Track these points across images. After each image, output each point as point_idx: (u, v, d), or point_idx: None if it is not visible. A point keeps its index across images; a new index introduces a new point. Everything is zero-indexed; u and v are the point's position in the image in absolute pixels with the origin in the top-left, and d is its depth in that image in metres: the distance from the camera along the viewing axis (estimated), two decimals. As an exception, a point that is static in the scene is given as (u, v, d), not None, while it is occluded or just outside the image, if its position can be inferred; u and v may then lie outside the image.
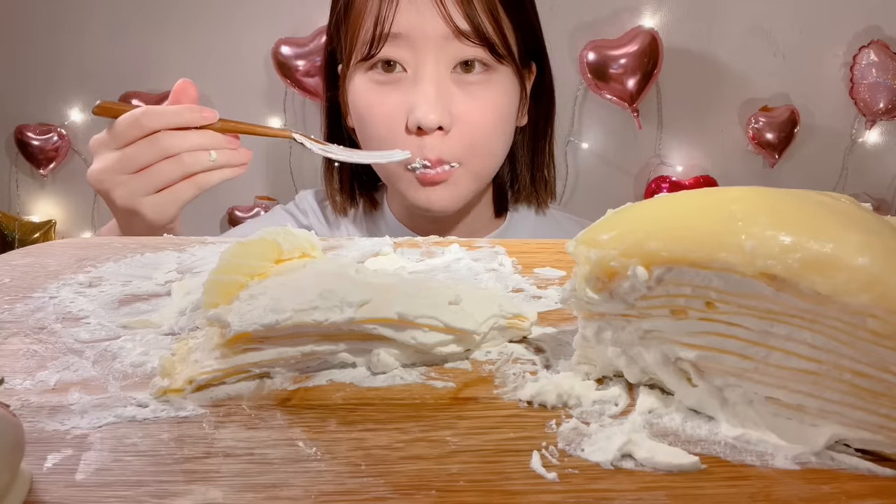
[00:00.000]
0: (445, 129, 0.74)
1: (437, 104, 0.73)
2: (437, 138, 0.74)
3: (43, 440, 0.33)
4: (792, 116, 1.54)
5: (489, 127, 0.77)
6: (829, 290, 0.30)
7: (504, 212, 0.89)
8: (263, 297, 0.39)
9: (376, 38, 0.73)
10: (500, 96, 0.77)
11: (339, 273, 0.42)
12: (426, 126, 0.73)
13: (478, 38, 0.72)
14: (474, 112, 0.75)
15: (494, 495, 0.29)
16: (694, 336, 0.35)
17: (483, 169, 0.79)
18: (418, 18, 0.72)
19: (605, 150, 1.60)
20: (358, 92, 0.78)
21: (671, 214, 0.36)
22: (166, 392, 0.36)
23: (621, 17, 1.53)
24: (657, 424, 0.34)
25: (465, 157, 0.76)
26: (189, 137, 0.68)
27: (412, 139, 0.75)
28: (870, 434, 0.31)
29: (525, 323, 0.43)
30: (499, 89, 0.77)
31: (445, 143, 0.75)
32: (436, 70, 0.74)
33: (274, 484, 0.30)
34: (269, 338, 0.38)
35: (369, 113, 0.77)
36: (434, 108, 0.73)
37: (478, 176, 0.79)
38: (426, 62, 0.73)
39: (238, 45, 1.55)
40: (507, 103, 0.78)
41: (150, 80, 1.59)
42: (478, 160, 0.77)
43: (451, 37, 0.72)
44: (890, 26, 1.54)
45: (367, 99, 0.77)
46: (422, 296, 0.40)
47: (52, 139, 1.64)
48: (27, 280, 0.52)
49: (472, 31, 0.72)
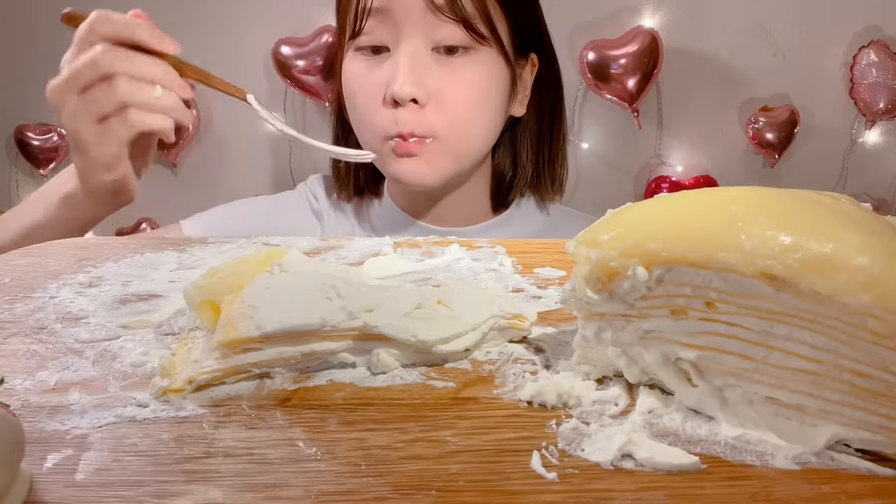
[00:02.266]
0: (421, 103, 0.75)
1: (411, 76, 0.74)
2: (411, 111, 0.75)
3: (43, 440, 0.33)
4: (792, 116, 1.54)
5: (467, 104, 0.77)
6: (829, 290, 0.30)
7: (504, 203, 0.89)
8: (270, 296, 0.39)
9: (359, 13, 0.76)
10: (481, 76, 0.77)
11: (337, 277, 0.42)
12: (400, 97, 0.74)
13: (453, 13, 0.73)
14: (452, 88, 0.76)
15: (494, 495, 0.29)
16: (694, 336, 0.35)
17: (462, 148, 0.79)
18: None
19: (605, 150, 1.60)
20: (347, 70, 0.80)
21: (671, 214, 0.36)
22: (166, 392, 0.36)
23: (621, 17, 1.53)
24: (657, 424, 0.34)
25: (442, 132, 0.76)
26: (134, 60, 0.61)
27: (389, 112, 0.76)
28: (870, 434, 0.31)
29: (525, 323, 0.43)
30: (480, 70, 0.77)
31: (421, 117, 0.75)
32: (413, 45, 0.75)
33: (274, 484, 0.30)
34: (269, 338, 0.38)
35: (355, 90, 0.79)
36: (408, 81, 0.74)
37: (456, 154, 0.79)
38: (406, 38, 0.75)
39: (238, 45, 1.55)
40: (489, 85, 0.78)
41: (149, 80, 1.59)
42: (455, 138, 0.78)
43: (427, 11, 0.73)
44: (890, 26, 1.53)
45: (354, 77, 0.79)
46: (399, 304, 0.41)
47: (52, 139, 1.64)
48: (27, 280, 0.52)
49: (447, 6, 0.73)
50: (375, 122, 0.77)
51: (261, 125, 1.56)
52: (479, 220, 0.88)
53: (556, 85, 0.87)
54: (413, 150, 0.76)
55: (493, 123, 0.81)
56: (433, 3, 0.73)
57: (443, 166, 0.79)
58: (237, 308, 0.39)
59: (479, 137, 0.81)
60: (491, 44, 0.76)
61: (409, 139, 0.76)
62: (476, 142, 0.81)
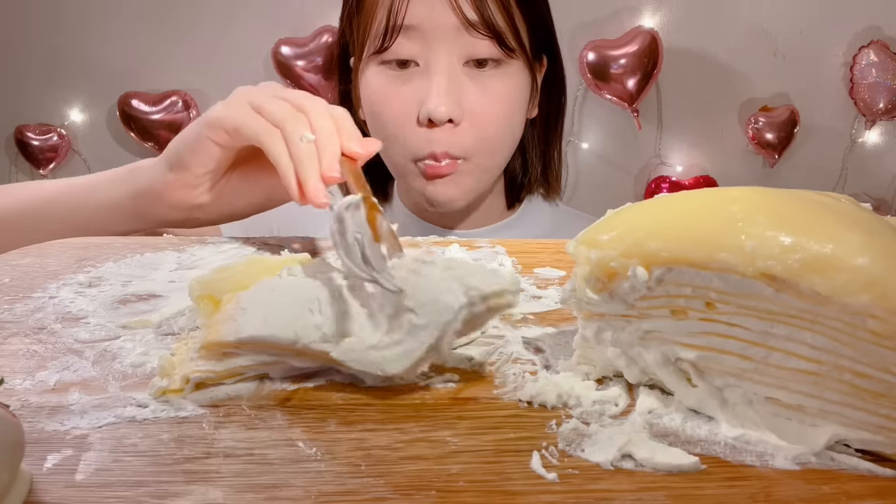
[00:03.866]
0: (456, 122, 0.74)
1: (448, 96, 0.73)
2: (446, 131, 0.74)
3: (43, 440, 0.33)
4: (792, 116, 1.54)
5: (500, 120, 0.77)
6: (829, 290, 0.30)
7: (516, 203, 0.89)
8: (261, 301, 0.39)
9: (389, 29, 0.74)
10: (512, 90, 0.77)
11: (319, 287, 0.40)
12: (437, 118, 0.73)
13: (487, 29, 0.73)
14: (485, 105, 0.75)
15: (494, 495, 0.29)
16: (694, 336, 0.35)
17: (490, 163, 0.79)
18: (429, 10, 0.73)
19: (605, 150, 1.60)
20: (371, 85, 0.78)
21: (671, 215, 0.36)
22: (166, 392, 0.36)
23: (621, 17, 1.53)
24: (657, 424, 0.34)
25: (474, 151, 0.76)
26: (316, 106, 0.54)
27: (422, 132, 0.75)
28: (870, 434, 0.31)
29: (506, 298, 0.37)
30: (510, 83, 0.77)
31: (455, 137, 0.75)
32: (448, 62, 0.74)
33: (274, 484, 0.30)
34: (244, 345, 0.38)
35: (382, 106, 0.78)
36: (445, 101, 0.73)
37: (484, 171, 0.79)
38: (438, 55, 0.74)
39: (238, 45, 1.55)
40: (518, 97, 0.79)
41: (149, 81, 1.59)
42: (485, 155, 0.78)
43: (461, 28, 0.73)
44: (890, 26, 1.54)
45: (380, 92, 0.77)
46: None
47: (52, 139, 1.64)
48: (27, 280, 0.52)
49: (480, 22, 0.72)
50: (408, 142, 0.76)
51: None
52: (492, 222, 0.88)
53: (561, 83, 0.88)
54: (444, 171, 0.76)
55: (518, 135, 0.82)
56: (467, 20, 0.72)
57: (470, 185, 0.79)
58: (230, 309, 0.39)
59: (506, 152, 0.81)
60: (519, 56, 0.76)
61: (443, 160, 0.75)
62: (503, 156, 0.81)
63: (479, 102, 0.75)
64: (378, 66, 0.77)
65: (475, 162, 0.77)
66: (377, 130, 0.80)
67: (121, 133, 1.58)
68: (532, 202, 0.90)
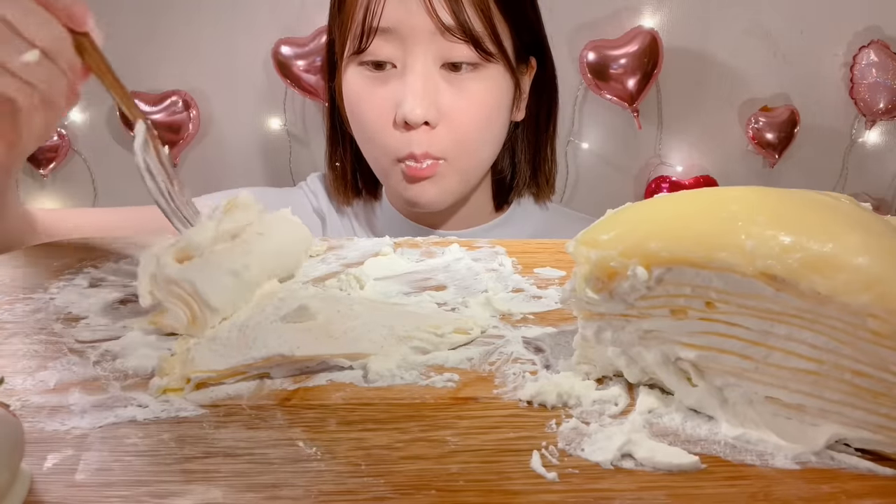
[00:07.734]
0: (432, 125, 0.75)
1: (424, 99, 0.73)
2: (423, 133, 0.75)
3: (43, 440, 0.33)
4: (792, 116, 1.54)
5: (477, 123, 0.77)
6: (829, 290, 0.30)
7: (504, 205, 0.89)
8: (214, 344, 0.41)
9: (366, 31, 0.74)
10: (490, 93, 0.77)
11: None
12: (412, 121, 0.73)
13: (463, 33, 0.73)
14: (462, 108, 0.75)
15: (494, 495, 0.29)
16: (694, 336, 0.35)
17: (470, 166, 0.79)
18: (406, 13, 0.73)
19: (605, 150, 1.60)
20: (350, 84, 0.79)
21: (671, 214, 0.36)
22: (166, 391, 0.36)
23: (621, 17, 1.53)
24: (657, 424, 0.35)
25: (452, 152, 0.76)
26: (21, 4, 0.46)
27: (399, 133, 0.75)
28: (870, 434, 0.31)
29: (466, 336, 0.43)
30: (488, 85, 0.77)
31: (432, 139, 0.75)
32: (423, 65, 0.74)
33: (274, 484, 0.30)
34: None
35: (359, 107, 0.78)
36: (420, 103, 0.73)
37: (465, 172, 0.79)
38: (414, 57, 0.74)
39: (238, 45, 1.55)
40: (497, 100, 0.78)
41: (149, 80, 1.59)
42: (464, 157, 0.78)
43: (436, 32, 0.73)
44: (890, 26, 1.53)
45: (357, 92, 0.78)
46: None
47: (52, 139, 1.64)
48: (27, 280, 0.52)
49: (456, 27, 0.72)
50: (387, 143, 0.76)
51: (261, 124, 1.56)
52: (480, 223, 0.88)
53: (552, 85, 0.87)
54: (425, 174, 0.76)
55: (499, 138, 0.82)
56: (442, 25, 0.72)
57: (452, 187, 0.79)
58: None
59: (486, 154, 0.81)
60: (498, 60, 0.76)
61: (424, 161, 0.75)
62: (483, 158, 0.81)
63: (455, 105, 0.75)
64: (357, 67, 0.78)
65: (455, 164, 0.77)
66: (358, 130, 0.81)
67: (121, 133, 1.58)
68: (522, 203, 0.90)
